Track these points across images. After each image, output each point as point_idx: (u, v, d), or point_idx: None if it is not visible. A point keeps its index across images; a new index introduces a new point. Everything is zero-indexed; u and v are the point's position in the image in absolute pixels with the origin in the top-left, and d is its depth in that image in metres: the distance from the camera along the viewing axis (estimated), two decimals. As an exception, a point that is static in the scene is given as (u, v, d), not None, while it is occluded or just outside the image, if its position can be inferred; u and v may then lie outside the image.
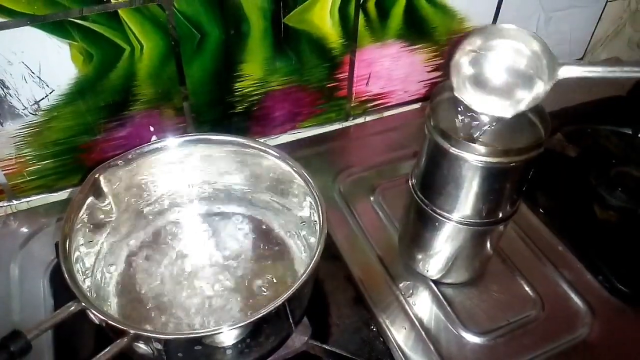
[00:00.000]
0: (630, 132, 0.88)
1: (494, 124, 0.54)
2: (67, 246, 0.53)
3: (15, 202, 0.75)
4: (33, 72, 0.63)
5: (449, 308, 0.66)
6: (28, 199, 0.75)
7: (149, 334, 0.47)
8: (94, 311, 0.47)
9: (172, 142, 0.63)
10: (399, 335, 0.63)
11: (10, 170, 0.71)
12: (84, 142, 0.72)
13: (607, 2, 0.98)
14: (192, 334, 0.52)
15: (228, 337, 0.50)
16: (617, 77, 0.52)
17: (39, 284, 0.67)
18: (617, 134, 0.88)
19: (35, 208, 0.76)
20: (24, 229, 0.73)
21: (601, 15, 0.99)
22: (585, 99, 0.97)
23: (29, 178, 0.73)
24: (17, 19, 0.58)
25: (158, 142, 0.63)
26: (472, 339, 0.63)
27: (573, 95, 0.97)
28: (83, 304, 0.47)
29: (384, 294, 0.67)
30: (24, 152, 0.70)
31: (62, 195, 0.76)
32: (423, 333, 0.64)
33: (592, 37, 1.03)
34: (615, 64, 0.51)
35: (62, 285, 0.64)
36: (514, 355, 0.62)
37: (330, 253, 0.69)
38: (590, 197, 0.78)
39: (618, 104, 0.95)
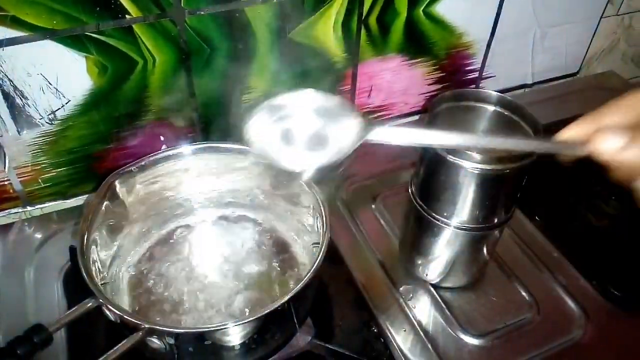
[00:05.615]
0: (624, 143, 0.90)
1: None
2: (85, 245, 0.55)
3: (29, 208, 0.77)
4: (50, 84, 0.66)
5: (447, 311, 0.68)
6: (42, 205, 0.77)
7: (162, 328, 0.49)
8: (110, 306, 0.49)
9: (184, 150, 0.66)
10: (399, 336, 0.65)
11: (26, 177, 0.73)
12: (97, 150, 0.75)
13: (601, 18, 1.01)
14: (203, 328, 0.54)
15: (237, 333, 0.53)
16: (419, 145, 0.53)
17: (53, 286, 0.69)
18: (611, 144, 0.90)
19: (48, 214, 0.78)
20: (38, 235, 0.75)
21: (596, 30, 1.02)
22: (581, 110, 0.99)
23: (43, 185, 0.75)
24: (38, 33, 0.62)
25: (171, 149, 0.66)
26: (469, 340, 0.66)
27: (569, 107, 0.99)
28: (100, 300, 0.50)
29: (385, 297, 0.70)
30: (39, 160, 0.72)
31: (75, 202, 0.79)
32: (422, 335, 0.66)
33: (587, 51, 1.06)
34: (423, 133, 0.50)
35: (75, 288, 0.67)
36: (510, 357, 0.64)
37: (333, 258, 0.72)
38: (584, 205, 0.80)
39: (612, 116, 0.97)
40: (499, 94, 0.61)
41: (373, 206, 0.82)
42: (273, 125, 0.46)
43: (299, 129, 0.46)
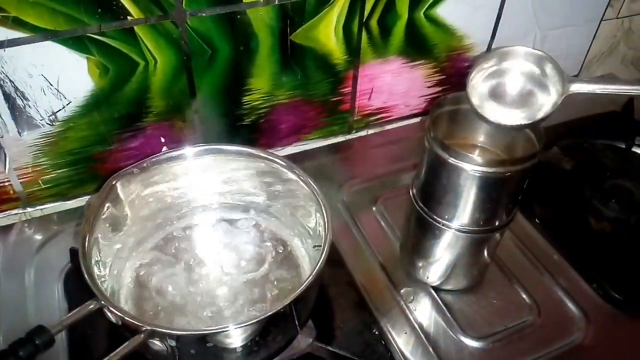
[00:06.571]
0: (624, 146, 0.90)
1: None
2: (86, 247, 0.55)
3: (30, 209, 0.77)
4: (52, 85, 0.66)
5: (448, 313, 0.68)
6: (42, 207, 0.77)
7: (163, 330, 0.49)
8: (112, 308, 0.49)
9: (186, 152, 0.66)
10: (399, 339, 0.65)
11: (27, 179, 0.73)
12: (98, 152, 0.75)
13: (601, 21, 1.01)
14: (205, 330, 0.54)
15: (238, 336, 0.53)
16: (621, 94, 0.57)
17: (54, 288, 0.69)
18: (612, 147, 0.90)
19: (49, 215, 0.78)
20: (38, 236, 0.75)
21: (596, 33, 1.02)
22: (580, 114, 0.99)
23: (44, 186, 0.75)
24: (39, 34, 0.62)
25: (172, 151, 0.66)
26: (470, 343, 0.66)
27: (569, 111, 0.99)
28: (102, 302, 0.50)
29: (386, 299, 0.70)
30: (40, 161, 0.72)
31: (75, 203, 0.79)
32: (423, 337, 0.66)
33: (587, 54, 1.06)
34: (620, 82, 0.55)
35: (75, 290, 0.67)
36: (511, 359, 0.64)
37: (334, 260, 0.72)
38: (585, 208, 0.80)
39: (612, 119, 0.97)
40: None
41: (374, 208, 0.82)
42: (485, 80, 0.57)
43: (508, 85, 0.56)
